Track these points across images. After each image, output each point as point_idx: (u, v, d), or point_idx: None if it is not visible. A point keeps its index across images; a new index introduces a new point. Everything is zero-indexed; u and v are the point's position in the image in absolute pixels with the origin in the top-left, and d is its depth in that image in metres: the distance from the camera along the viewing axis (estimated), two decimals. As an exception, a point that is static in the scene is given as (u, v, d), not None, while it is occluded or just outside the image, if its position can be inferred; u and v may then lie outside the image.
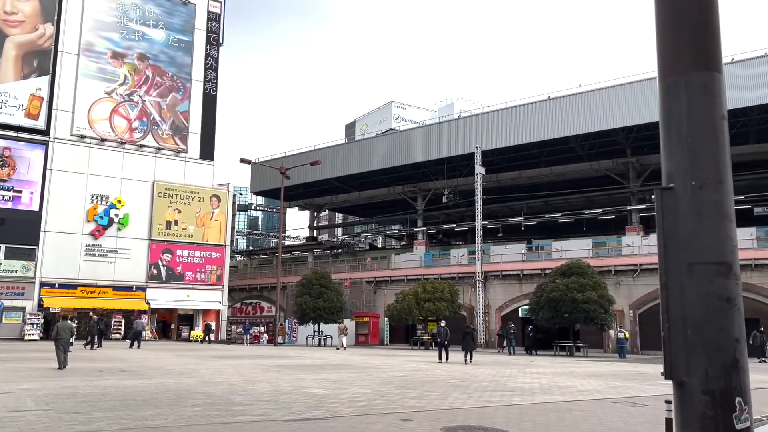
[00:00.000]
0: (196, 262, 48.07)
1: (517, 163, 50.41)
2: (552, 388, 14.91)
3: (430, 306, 38.61)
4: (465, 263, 46.96)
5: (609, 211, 47.28)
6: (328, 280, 43.30)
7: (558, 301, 32.63)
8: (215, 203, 49.27)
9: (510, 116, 46.07)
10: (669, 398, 8.72)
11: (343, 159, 54.78)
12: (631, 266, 38.85)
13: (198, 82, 49.91)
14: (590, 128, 42.43)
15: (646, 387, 15.70)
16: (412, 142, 50.94)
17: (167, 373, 17.57)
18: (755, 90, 36.39)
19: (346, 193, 60.67)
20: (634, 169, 45.72)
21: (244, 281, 59.41)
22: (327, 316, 41.62)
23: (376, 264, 53.38)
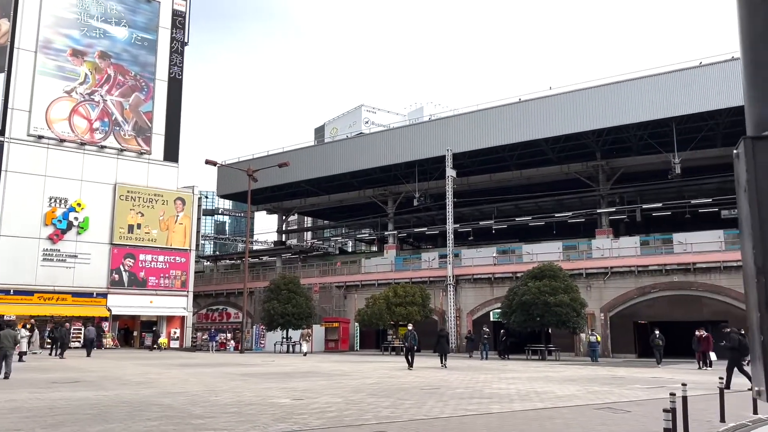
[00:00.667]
0: (159, 267, 46.58)
1: (487, 166, 50.18)
2: (530, 394, 14.38)
3: (401, 310, 37.98)
4: (436, 267, 46.49)
5: (579, 214, 47.34)
6: (296, 285, 42.32)
7: (530, 304, 32.30)
8: (180, 206, 47.88)
9: (480, 119, 45.83)
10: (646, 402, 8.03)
11: (312, 161, 53.86)
12: (602, 269, 38.85)
13: (162, 81, 48.52)
14: (560, 131, 42.39)
15: (624, 392, 15.28)
16: (383, 145, 50.35)
17: (125, 383, 16.55)
18: (722, 93, 36.73)
19: (316, 196, 59.73)
20: (604, 172, 45.88)
21: (210, 287, 57.96)
22: (296, 321, 40.61)
23: (347, 268, 52.57)
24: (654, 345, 26.32)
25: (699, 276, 35.80)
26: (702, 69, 37.94)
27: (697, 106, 37.66)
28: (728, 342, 16.18)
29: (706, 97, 37.46)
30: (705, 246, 36.73)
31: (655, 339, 26.42)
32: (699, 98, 37.68)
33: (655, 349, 26.42)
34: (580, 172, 46.84)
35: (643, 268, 37.60)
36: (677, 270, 36.51)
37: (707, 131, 40.78)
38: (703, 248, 36.65)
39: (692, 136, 40.55)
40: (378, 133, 52.89)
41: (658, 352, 26.29)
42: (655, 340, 26.40)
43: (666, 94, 38.72)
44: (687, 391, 9.69)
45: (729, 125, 40.60)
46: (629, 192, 46.50)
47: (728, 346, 16.07)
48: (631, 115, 39.88)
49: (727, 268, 35.00)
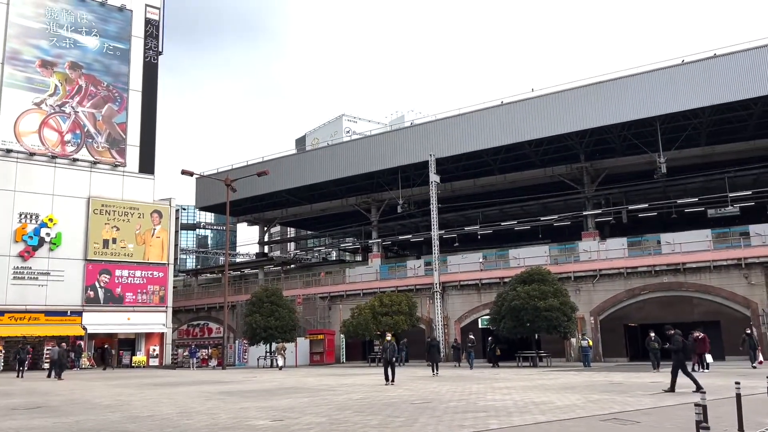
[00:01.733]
0: (136, 282, 45.07)
1: (471, 171, 49.49)
2: (528, 406, 13.41)
3: (387, 320, 36.91)
4: (422, 274, 45.54)
5: (565, 217, 46.71)
6: (279, 297, 41.12)
7: (519, 309, 31.42)
8: (156, 219, 46.45)
9: (463, 123, 45.10)
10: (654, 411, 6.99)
11: (292, 170, 52.75)
12: (591, 272, 38.17)
13: (136, 92, 47.21)
14: (544, 133, 41.78)
15: (628, 399, 14.37)
16: (365, 152, 49.42)
17: (92, 407, 15.30)
18: (706, 91, 36.37)
19: (298, 206, 58.56)
20: (588, 173, 45.34)
21: (191, 301, 56.43)
22: (279, 335, 39.39)
23: (330, 278, 51.42)
24: (650, 348, 24.83)
25: (689, 276, 35.24)
26: (685, 67, 37.57)
27: (681, 104, 37.24)
28: (672, 344, 16.08)
29: (689, 95, 37.05)
30: (693, 246, 36.21)
31: (651, 342, 24.90)
32: (683, 96, 37.27)
33: (651, 352, 24.97)
34: (564, 174, 46.27)
35: (632, 269, 36.98)
36: (667, 271, 35.92)
37: (691, 130, 40.42)
38: (691, 248, 36.13)
39: (676, 136, 40.17)
40: (359, 140, 51.96)
41: (655, 356, 24.84)
42: (651, 343, 24.86)
43: (649, 93, 38.29)
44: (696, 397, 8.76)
45: (713, 123, 40.29)
46: (614, 193, 46.01)
47: (672, 348, 16.04)
48: (614, 115, 39.38)
49: (717, 267, 34.50)
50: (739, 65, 35.62)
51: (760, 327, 32.79)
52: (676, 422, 10.74)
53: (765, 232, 35.52)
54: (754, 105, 37.24)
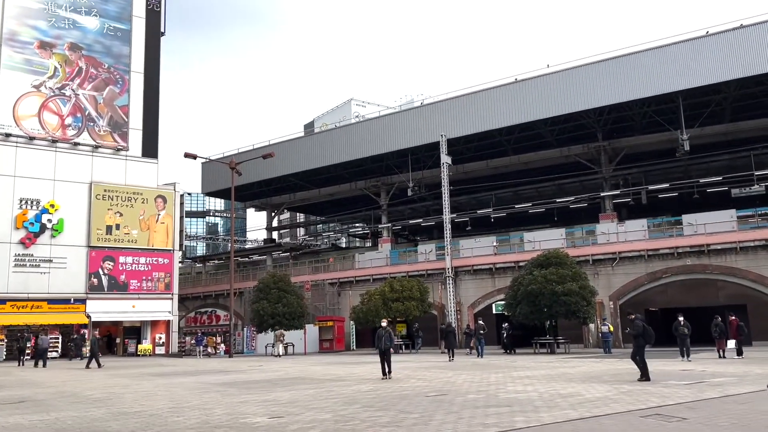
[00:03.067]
0: (141, 269, 44.06)
1: (483, 152, 47.90)
2: (555, 399, 12.08)
3: (398, 306, 35.69)
4: (434, 259, 44.18)
5: (581, 199, 45.13)
6: (287, 283, 40.01)
7: (537, 294, 30.04)
8: (161, 204, 45.34)
9: (475, 102, 43.47)
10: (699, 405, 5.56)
11: (300, 154, 51.41)
12: (610, 254, 36.68)
13: (138, 74, 45.92)
14: (559, 111, 40.08)
15: (663, 391, 12.99)
16: (374, 134, 47.94)
17: (79, 401, 14.16)
18: (731, 64, 34.52)
19: (306, 190, 57.25)
20: (606, 153, 43.66)
21: (199, 288, 55.51)
22: (287, 322, 38.33)
23: (339, 264, 50.22)
24: (678, 334, 22.48)
25: (713, 258, 33.66)
26: (709, 39, 35.69)
27: (706, 78, 35.40)
28: (632, 329, 15.59)
29: (714, 68, 35.21)
30: (718, 227, 34.58)
31: (680, 327, 22.49)
32: (707, 70, 35.43)
33: (680, 338, 22.57)
34: (580, 154, 44.61)
35: (653, 252, 35.44)
36: (690, 253, 34.36)
37: (715, 106, 38.59)
38: (715, 229, 34.49)
39: (698, 112, 38.40)
40: (368, 121, 50.38)
41: (683, 343, 22.40)
42: (680, 328, 22.46)
43: (671, 68, 36.49)
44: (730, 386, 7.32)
45: (737, 99, 38.46)
46: (633, 173, 44.32)
47: (632, 334, 15.62)
48: (634, 91, 37.62)
49: (743, 248, 32.91)
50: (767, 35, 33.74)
51: (789, 311, 31.22)
52: (729, 418, 9.38)
53: (794, 211, 33.84)
54: (782, 78, 35.36)
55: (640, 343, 15.24)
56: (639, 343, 15.26)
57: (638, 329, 15.25)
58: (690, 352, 21.47)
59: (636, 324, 15.41)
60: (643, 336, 15.21)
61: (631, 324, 15.82)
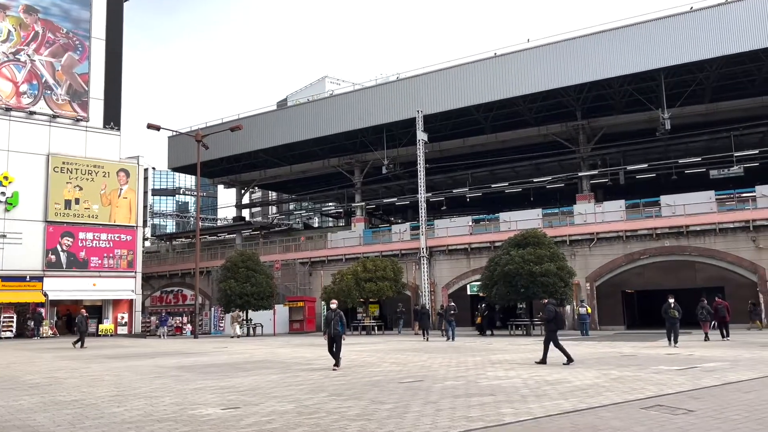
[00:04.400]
0: (102, 246, 42.08)
1: (460, 130, 46.72)
2: (542, 386, 11.03)
3: (371, 286, 34.50)
4: (408, 239, 43.06)
5: (558, 179, 44.33)
6: (256, 262, 38.47)
7: (514, 275, 29.10)
8: (123, 179, 43.26)
9: (453, 77, 42.12)
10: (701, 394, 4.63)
11: (271, 129, 49.53)
12: (588, 235, 35.96)
13: (99, 40, 43.48)
14: (538, 87, 39.03)
15: (656, 378, 12.05)
16: (348, 109, 46.32)
17: (14, 387, 12.69)
18: (718, 40, 33.71)
19: (277, 167, 55.46)
20: (585, 132, 42.82)
21: (165, 267, 53.65)
22: (255, 302, 36.90)
23: (311, 243, 48.81)
24: (668, 316, 19.88)
25: (692, 240, 33.13)
26: (693, 15, 34.82)
27: (689, 55, 34.56)
28: (544, 314, 15.74)
29: (698, 45, 34.39)
30: (696, 208, 34.02)
31: (670, 309, 19.83)
32: (690, 47, 34.60)
33: (669, 321, 19.92)
34: (558, 133, 43.71)
35: (631, 233, 34.80)
36: (669, 234, 33.78)
37: (695, 86, 37.90)
38: (694, 210, 33.93)
39: (679, 92, 37.67)
40: (342, 95, 48.69)
41: (672, 326, 19.76)
42: (670, 311, 19.79)
43: (654, 44, 35.58)
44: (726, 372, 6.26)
45: (718, 78, 37.81)
46: (612, 153, 43.60)
47: (544, 318, 15.80)
48: (615, 68, 36.66)
49: (722, 230, 32.42)
50: (753, 12, 32.97)
51: (766, 293, 30.88)
52: (738, 410, 8.38)
53: (772, 193, 33.33)
54: (765, 57, 34.74)
55: (551, 327, 15.31)
56: (551, 328, 15.33)
57: (550, 314, 15.26)
58: (678, 337, 20.32)
59: (548, 309, 15.42)
60: (554, 321, 15.33)
61: (543, 309, 15.94)
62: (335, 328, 15.06)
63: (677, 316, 19.84)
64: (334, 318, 15.13)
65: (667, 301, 20.12)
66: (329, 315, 15.29)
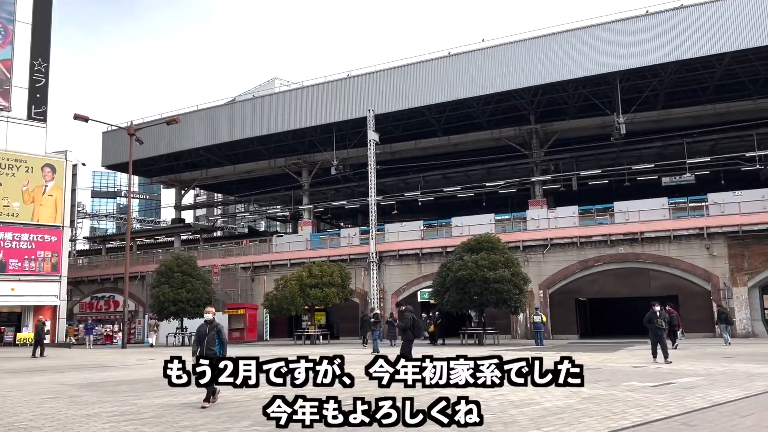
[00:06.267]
0: (23, 247, 38.56)
1: (412, 132, 45.24)
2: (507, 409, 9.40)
3: (317, 292, 32.40)
4: (357, 244, 41.19)
5: (511, 183, 43.36)
6: (192, 266, 35.90)
7: (467, 281, 27.61)
8: (49, 175, 39.86)
9: (406, 76, 40.58)
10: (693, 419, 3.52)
11: (213, 126, 46.81)
12: (541, 240, 34.90)
13: (24, 24, 40.05)
14: (493, 89, 37.86)
15: (634, 396, 10.57)
16: (296, 106, 44.13)
17: None
18: (669, 45, 33.26)
19: (220, 166, 52.68)
20: (538, 137, 41.98)
21: (96, 271, 50.07)
22: (191, 309, 34.30)
23: (255, 247, 46.30)
24: (653, 326, 16.86)
25: (647, 247, 32.48)
26: (649, 18, 34.33)
27: (644, 59, 34.00)
28: (401, 322, 15.08)
29: (653, 49, 33.86)
30: (650, 215, 33.44)
31: (656, 319, 16.72)
32: (646, 51, 34.04)
33: (653, 332, 16.86)
34: (511, 137, 42.74)
35: (585, 239, 33.93)
36: (623, 240, 33.05)
37: (650, 92, 37.51)
38: (648, 217, 33.33)
39: (632, 97, 37.17)
40: (290, 92, 46.40)
41: (657, 338, 16.81)
42: (657, 320, 16.70)
43: (609, 47, 34.93)
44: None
45: (672, 84, 37.53)
46: (565, 158, 42.92)
47: (401, 326, 15.17)
48: (570, 71, 35.81)
49: (677, 237, 31.87)
50: (707, 17, 32.68)
51: (720, 302, 30.37)
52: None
53: (724, 200, 33.02)
54: (718, 64, 34.57)
55: (408, 336, 14.46)
56: (407, 337, 14.48)
57: (408, 322, 14.46)
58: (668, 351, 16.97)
59: (406, 317, 14.59)
60: (411, 329, 14.52)
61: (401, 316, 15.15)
62: (210, 347, 10.35)
63: (663, 326, 17.05)
64: (209, 333, 10.49)
65: (651, 310, 17.11)
66: (202, 329, 10.68)
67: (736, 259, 30.56)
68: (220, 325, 10.80)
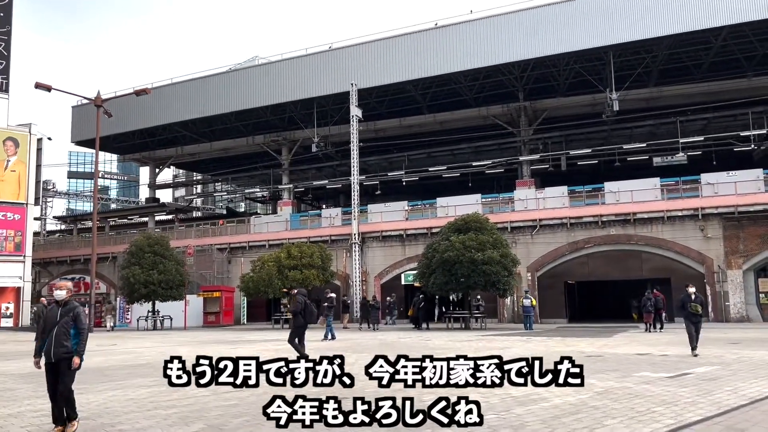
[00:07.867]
0: (-17, 225, 36.46)
1: (397, 109, 43.54)
2: (511, 407, 8.00)
3: (296, 274, 30.83)
4: (339, 225, 39.64)
5: (498, 163, 41.98)
6: (164, 247, 34.12)
7: (453, 262, 26.24)
8: (11, 149, 37.64)
9: (391, 48, 38.79)
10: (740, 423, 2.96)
11: (188, 101, 44.65)
12: (530, 221, 33.62)
13: (-17, -10, 37.58)
14: (481, 63, 36.22)
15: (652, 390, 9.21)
16: (275, 80, 42.14)
17: None
18: (666, 19, 31.86)
19: (196, 143, 50.52)
20: (526, 115, 40.56)
21: (65, 252, 48.01)
22: (163, 291, 32.64)
23: (231, 228, 44.52)
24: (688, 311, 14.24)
25: (639, 228, 31.34)
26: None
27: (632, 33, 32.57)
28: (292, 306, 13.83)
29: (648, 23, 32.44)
30: (641, 195, 32.30)
31: (691, 303, 14.19)
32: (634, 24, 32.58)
33: (688, 319, 14.28)
34: (499, 115, 41.27)
35: (576, 220, 32.72)
36: (615, 222, 31.88)
37: (642, 68, 36.16)
38: (640, 197, 32.19)
39: (625, 74, 35.82)
40: (268, 65, 44.28)
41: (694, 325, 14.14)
42: (692, 305, 14.14)
43: (602, 21, 33.46)
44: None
45: (666, 60, 36.21)
46: (554, 137, 41.55)
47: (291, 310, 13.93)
48: (562, 45, 34.33)
49: (670, 218, 30.75)
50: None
51: (714, 285, 29.40)
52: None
53: (718, 181, 31.95)
54: (714, 39, 33.26)
55: (298, 322, 13.38)
56: (298, 323, 13.39)
57: (299, 306, 13.36)
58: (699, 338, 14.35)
59: (297, 300, 13.50)
60: (302, 314, 13.46)
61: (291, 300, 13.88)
62: (61, 341, 6.77)
63: (700, 311, 14.30)
64: (61, 319, 6.85)
65: (686, 292, 14.50)
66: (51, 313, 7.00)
67: (732, 241, 29.54)
68: (78, 307, 7.08)
